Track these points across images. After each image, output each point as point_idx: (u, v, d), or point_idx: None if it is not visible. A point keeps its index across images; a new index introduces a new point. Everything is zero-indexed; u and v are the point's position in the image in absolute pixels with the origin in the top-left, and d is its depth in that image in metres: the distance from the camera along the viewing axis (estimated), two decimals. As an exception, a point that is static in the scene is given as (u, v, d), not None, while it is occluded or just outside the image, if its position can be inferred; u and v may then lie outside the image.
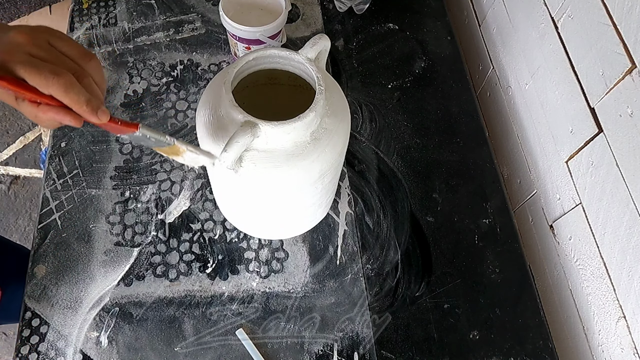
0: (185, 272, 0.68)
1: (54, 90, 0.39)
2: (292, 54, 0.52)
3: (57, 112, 0.41)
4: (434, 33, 0.92)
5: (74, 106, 0.41)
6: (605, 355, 0.62)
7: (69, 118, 0.41)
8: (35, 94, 0.40)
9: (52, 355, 0.62)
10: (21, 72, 0.39)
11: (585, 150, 0.64)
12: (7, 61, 0.39)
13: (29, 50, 0.40)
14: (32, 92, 0.40)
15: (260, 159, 0.50)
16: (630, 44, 0.56)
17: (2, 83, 0.38)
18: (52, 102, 0.41)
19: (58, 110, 0.41)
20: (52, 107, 0.41)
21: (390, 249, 0.71)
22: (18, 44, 0.40)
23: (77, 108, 0.41)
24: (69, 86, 0.40)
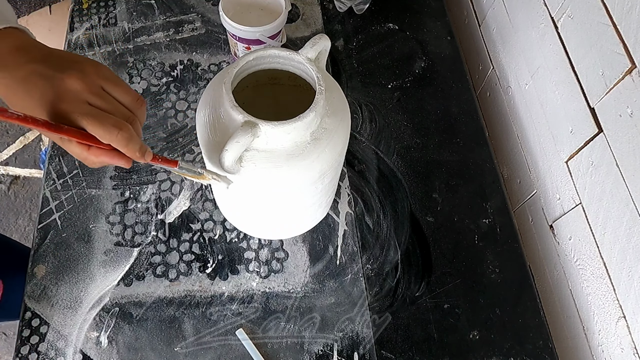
0: (185, 272, 0.68)
1: (116, 143, 0.41)
2: (292, 54, 0.52)
3: (111, 157, 0.42)
4: (434, 33, 0.92)
5: (130, 154, 0.42)
6: (605, 355, 0.62)
7: (123, 162, 0.43)
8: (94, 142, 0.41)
9: (52, 355, 0.62)
10: (84, 124, 0.40)
11: (585, 150, 0.64)
12: (69, 112, 0.39)
13: (87, 98, 0.41)
14: (91, 140, 0.41)
15: (260, 159, 0.50)
16: (630, 44, 0.56)
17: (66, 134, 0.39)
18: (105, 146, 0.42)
19: (112, 154, 0.42)
20: (104, 151, 0.42)
21: (390, 249, 0.71)
22: (75, 91, 0.41)
23: (131, 155, 0.42)
24: (130, 139, 0.41)
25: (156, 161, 0.47)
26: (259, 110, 0.50)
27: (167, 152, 0.76)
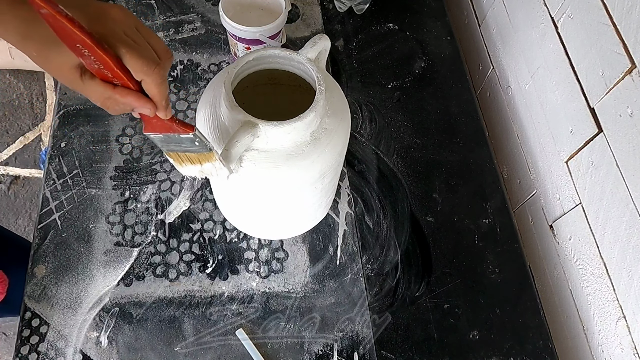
0: (185, 272, 0.68)
1: (152, 79, 0.38)
2: (292, 54, 0.52)
3: (137, 99, 0.39)
4: (434, 33, 0.92)
5: (158, 97, 0.40)
6: (605, 355, 0.62)
7: (148, 107, 0.40)
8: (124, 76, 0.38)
9: (52, 355, 0.62)
10: (122, 51, 0.37)
11: (585, 150, 0.64)
12: (106, 36, 0.37)
13: (125, 30, 0.38)
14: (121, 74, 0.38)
15: (260, 159, 0.50)
16: (630, 44, 0.56)
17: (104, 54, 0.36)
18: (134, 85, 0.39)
19: (139, 96, 0.39)
20: (132, 91, 0.39)
21: (390, 249, 0.71)
22: (115, 20, 0.38)
23: (159, 100, 0.40)
24: (164, 79, 0.39)
25: (172, 121, 0.43)
26: (259, 110, 0.50)
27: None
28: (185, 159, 0.48)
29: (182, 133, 0.44)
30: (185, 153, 0.47)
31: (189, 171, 0.49)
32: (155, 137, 0.46)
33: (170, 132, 0.44)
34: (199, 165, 0.48)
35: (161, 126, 0.44)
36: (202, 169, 0.48)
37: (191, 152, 0.47)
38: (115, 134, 0.78)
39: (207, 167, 0.48)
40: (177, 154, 0.48)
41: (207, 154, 0.46)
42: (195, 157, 0.47)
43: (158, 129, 0.44)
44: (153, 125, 0.44)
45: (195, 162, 0.48)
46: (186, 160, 0.48)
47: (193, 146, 0.45)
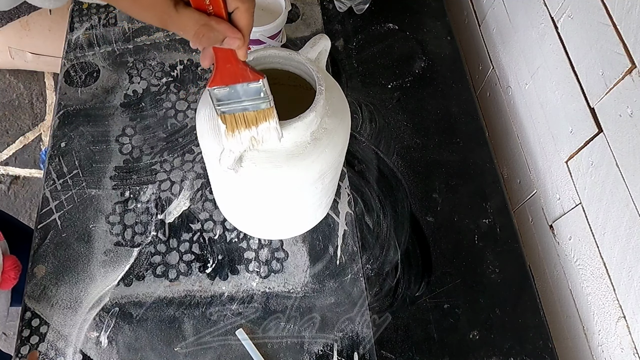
0: (185, 272, 0.68)
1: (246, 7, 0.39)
2: (292, 54, 0.52)
3: (230, 27, 0.40)
4: (434, 33, 0.92)
5: (246, 28, 0.40)
6: (605, 355, 0.62)
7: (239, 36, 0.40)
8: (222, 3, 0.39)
9: (52, 355, 0.62)
10: None
11: (585, 150, 0.64)
12: None
13: None
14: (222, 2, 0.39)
15: (261, 159, 0.50)
16: (630, 44, 0.56)
17: None
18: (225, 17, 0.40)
19: (230, 27, 0.40)
20: (224, 21, 0.40)
21: (390, 249, 0.71)
22: None
23: (246, 33, 0.41)
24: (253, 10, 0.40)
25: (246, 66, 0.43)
26: (259, 110, 0.50)
27: (167, 152, 0.76)
28: (241, 121, 0.47)
29: (253, 80, 0.44)
30: (244, 112, 0.46)
31: (237, 142, 0.48)
32: (220, 91, 0.45)
33: (239, 82, 0.44)
34: (254, 128, 0.47)
35: (232, 74, 0.44)
36: (257, 132, 0.47)
37: (250, 110, 0.46)
38: (115, 134, 0.78)
39: (262, 129, 0.47)
40: (233, 117, 0.46)
41: (268, 110, 0.46)
42: (253, 117, 0.46)
43: (227, 79, 0.44)
44: (223, 74, 0.44)
45: (251, 124, 0.47)
46: (241, 123, 0.47)
47: (256, 100, 0.45)
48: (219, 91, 0.45)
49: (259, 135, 0.47)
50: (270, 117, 0.46)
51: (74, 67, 0.84)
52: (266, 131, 0.47)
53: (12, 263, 0.66)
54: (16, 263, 0.66)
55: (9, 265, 0.65)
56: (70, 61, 0.85)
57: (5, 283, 0.65)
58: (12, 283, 0.65)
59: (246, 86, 0.44)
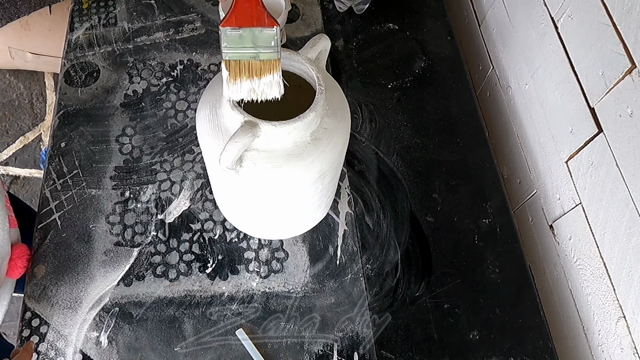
0: (185, 272, 0.68)
1: None
2: (292, 54, 0.52)
3: None
4: (434, 33, 0.92)
5: None
6: (605, 355, 0.62)
7: None
8: None
9: (52, 355, 0.62)
10: None
11: (585, 150, 0.64)
12: None
13: None
14: None
15: (261, 159, 0.50)
16: (630, 44, 0.56)
17: None
18: None
19: None
20: None
21: (390, 249, 0.71)
22: None
23: None
24: None
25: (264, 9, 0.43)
26: (259, 110, 0.50)
27: (167, 152, 0.76)
28: (246, 70, 0.46)
29: (268, 26, 0.43)
30: (250, 60, 0.45)
31: (237, 91, 0.47)
32: (232, 33, 0.44)
33: (254, 25, 0.43)
34: (257, 79, 0.46)
35: (248, 16, 0.43)
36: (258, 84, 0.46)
37: (257, 59, 0.45)
38: (115, 134, 0.78)
39: (264, 82, 0.46)
40: (238, 64, 0.46)
41: (274, 62, 0.45)
42: (258, 67, 0.45)
43: (242, 21, 0.43)
44: (240, 14, 0.43)
45: (255, 75, 0.46)
46: (245, 72, 0.46)
47: (266, 49, 0.44)
48: (231, 32, 0.44)
49: (260, 87, 0.46)
50: (275, 69, 0.45)
51: (74, 67, 0.84)
52: (268, 85, 0.46)
53: (22, 251, 0.65)
54: (25, 251, 0.66)
55: (17, 253, 0.64)
56: (70, 61, 0.85)
57: (13, 271, 0.64)
58: (20, 272, 0.65)
59: (259, 32, 0.43)
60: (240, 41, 0.44)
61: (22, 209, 0.90)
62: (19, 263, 0.65)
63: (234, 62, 0.46)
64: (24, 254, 0.66)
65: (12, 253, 0.64)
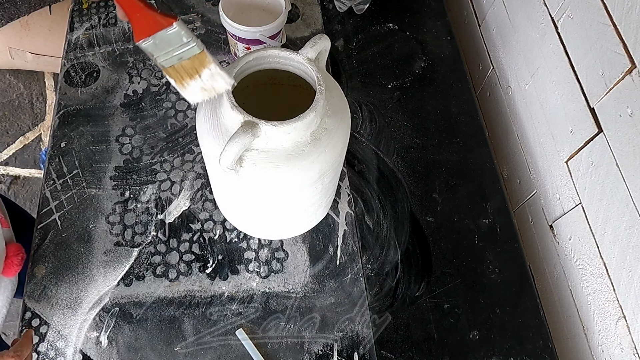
0: (185, 272, 0.68)
1: None
2: (292, 54, 0.52)
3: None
4: (434, 33, 0.92)
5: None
6: (605, 355, 0.62)
7: None
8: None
9: (52, 355, 0.62)
10: None
11: (585, 150, 0.64)
12: None
13: None
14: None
15: (261, 159, 0.50)
16: (630, 44, 0.56)
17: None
18: None
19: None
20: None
21: (390, 249, 0.71)
22: None
23: None
24: None
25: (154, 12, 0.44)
26: (259, 110, 0.50)
27: (167, 152, 0.76)
28: (184, 72, 0.46)
29: (167, 26, 0.44)
30: (181, 62, 0.46)
31: (193, 92, 0.47)
32: (147, 44, 0.45)
33: (157, 30, 0.44)
34: (198, 78, 0.46)
35: (146, 24, 0.44)
36: (203, 82, 0.46)
37: (185, 59, 0.46)
38: (115, 134, 0.78)
39: (206, 77, 0.46)
40: (175, 69, 0.46)
41: (200, 56, 0.45)
42: (190, 66, 0.46)
43: (145, 30, 0.44)
44: (139, 25, 0.44)
45: (194, 74, 0.46)
46: (185, 74, 0.46)
47: (184, 46, 0.45)
48: (146, 44, 0.45)
49: (206, 84, 0.47)
50: (207, 62, 0.46)
51: (74, 67, 0.84)
52: (211, 79, 0.46)
53: (16, 249, 0.66)
54: (20, 250, 0.66)
55: (12, 251, 0.65)
56: (70, 61, 0.85)
57: (9, 270, 0.65)
58: (16, 270, 0.65)
59: (165, 33, 0.44)
60: (159, 47, 0.45)
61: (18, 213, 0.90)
62: (15, 261, 0.65)
63: (171, 68, 0.46)
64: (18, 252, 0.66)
65: (7, 251, 0.65)
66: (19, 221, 0.77)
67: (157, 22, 0.44)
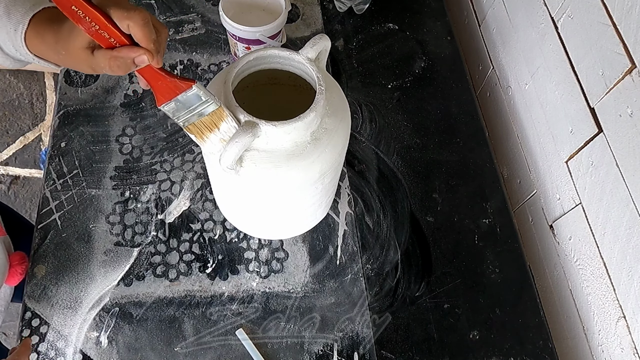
0: (185, 272, 0.68)
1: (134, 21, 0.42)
2: (293, 54, 0.52)
3: (131, 48, 0.44)
4: (434, 33, 0.92)
5: (145, 40, 0.43)
6: (605, 355, 0.62)
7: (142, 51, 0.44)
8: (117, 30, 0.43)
9: (52, 355, 0.62)
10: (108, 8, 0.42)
11: (585, 150, 0.65)
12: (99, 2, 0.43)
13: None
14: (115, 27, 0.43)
15: (261, 159, 0.50)
16: (630, 44, 0.56)
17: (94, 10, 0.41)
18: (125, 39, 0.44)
19: (132, 46, 0.44)
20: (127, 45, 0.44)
21: (390, 249, 0.71)
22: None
23: (147, 43, 0.44)
24: (147, 20, 0.43)
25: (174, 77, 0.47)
26: (259, 110, 0.50)
27: (167, 152, 0.76)
28: (204, 127, 0.49)
29: (186, 89, 0.47)
30: (201, 119, 0.49)
31: (212, 145, 0.50)
32: (169, 107, 0.48)
33: (177, 94, 0.47)
34: (217, 130, 0.49)
35: (167, 89, 0.47)
36: (222, 134, 0.49)
37: (205, 115, 0.48)
38: (115, 134, 0.78)
39: (224, 130, 0.49)
40: (195, 126, 0.49)
41: (218, 111, 0.48)
42: (209, 122, 0.49)
43: (167, 95, 0.47)
44: (161, 91, 0.47)
45: (213, 128, 0.49)
46: (205, 129, 0.49)
47: (202, 105, 0.48)
48: (168, 107, 0.48)
49: (225, 135, 0.49)
50: (224, 117, 0.48)
51: (74, 67, 0.84)
52: (229, 131, 0.49)
53: (20, 258, 0.66)
54: (24, 259, 0.67)
55: (16, 260, 0.66)
56: (70, 61, 0.84)
57: (13, 278, 0.65)
58: (19, 279, 0.66)
59: (185, 96, 0.47)
60: (180, 108, 0.48)
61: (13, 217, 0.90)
62: (19, 270, 0.65)
63: (191, 126, 0.49)
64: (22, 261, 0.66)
65: (11, 260, 0.65)
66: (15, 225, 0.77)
67: (177, 86, 0.47)
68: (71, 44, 0.45)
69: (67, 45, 0.46)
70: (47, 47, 0.48)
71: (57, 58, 0.49)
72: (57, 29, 0.47)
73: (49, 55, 0.49)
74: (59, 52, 0.47)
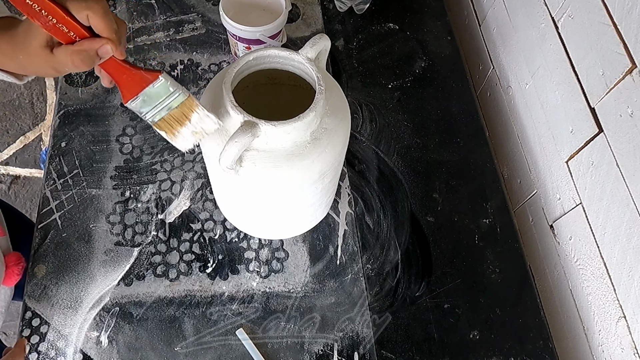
0: (186, 272, 0.68)
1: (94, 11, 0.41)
2: (292, 53, 0.52)
3: (92, 39, 0.42)
4: (434, 33, 0.92)
5: (106, 30, 0.42)
6: (605, 355, 0.62)
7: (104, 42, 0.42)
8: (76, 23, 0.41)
9: (52, 355, 0.62)
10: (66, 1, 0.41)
11: (586, 150, 0.64)
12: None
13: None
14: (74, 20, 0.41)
15: (260, 159, 0.50)
16: (630, 44, 0.56)
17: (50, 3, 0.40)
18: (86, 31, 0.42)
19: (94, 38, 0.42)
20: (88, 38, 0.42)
21: (390, 249, 0.71)
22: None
23: (109, 33, 0.42)
24: (107, 9, 0.42)
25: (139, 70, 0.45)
26: (259, 110, 0.50)
27: (168, 152, 0.76)
28: (174, 122, 0.48)
29: (153, 80, 0.45)
30: (170, 112, 0.47)
31: (184, 140, 0.49)
32: (136, 103, 0.46)
33: (144, 87, 0.46)
34: (188, 123, 0.48)
35: (133, 82, 0.46)
36: (193, 126, 0.48)
37: (174, 108, 0.47)
38: (115, 133, 0.78)
39: (195, 120, 0.48)
40: (165, 121, 0.48)
41: (187, 101, 0.47)
42: (179, 114, 0.48)
43: (132, 89, 0.46)
44: (127, 86, 0.46)
45: (183, 121, 0.48)
46: (175, 123, 0.48)
47: (171, 96, 0.46)
48: (135, 103, 0.47)
49: (197, 127, 0.48)
50: (194, 106, 0.47)
51: (74, 67, 0.84)
52: (200, 121, 0.48)
53: (17, 259, 0.66)
54: (20, 259, 0.66)
55: (12, 261, 0.65)
56: (71, 61, 0.84)
57: (9, 279, 0.65)
58: (15, 279, 0.66)
59: (152, 88, 0.46)
60: (148, 103, 0.47)
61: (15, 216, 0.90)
62: (16, 270, 0.65)
63: (161, 121, 0.48)
64: (19, 262, 0.66)
65: (7, 261, 0.65)
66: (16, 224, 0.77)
67: (144, 79, 0.45)
68: (28, 45, 0.43)
69: (25, 47, 0.43)
70: (4, 55, 0.45)
71: (16, 66, 0.46)
72: (12, 33, 0.44)
73: (8, 65, 0.47)
74: (16, 58, 0.45)
